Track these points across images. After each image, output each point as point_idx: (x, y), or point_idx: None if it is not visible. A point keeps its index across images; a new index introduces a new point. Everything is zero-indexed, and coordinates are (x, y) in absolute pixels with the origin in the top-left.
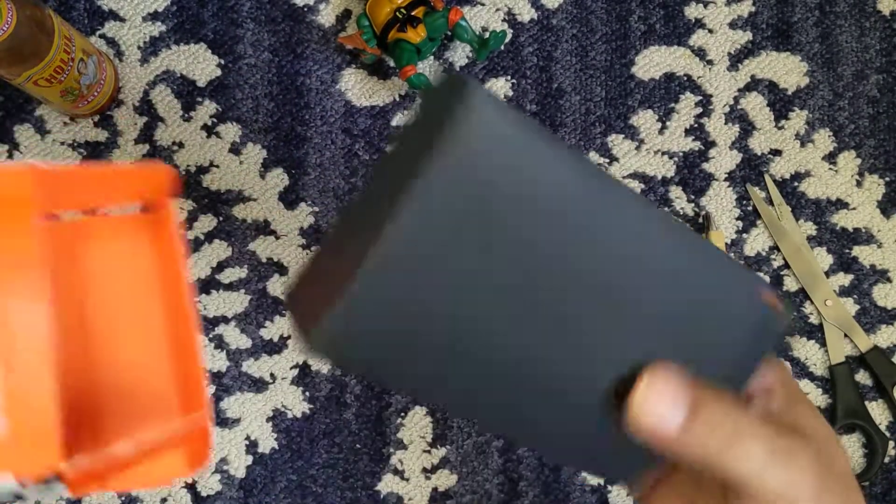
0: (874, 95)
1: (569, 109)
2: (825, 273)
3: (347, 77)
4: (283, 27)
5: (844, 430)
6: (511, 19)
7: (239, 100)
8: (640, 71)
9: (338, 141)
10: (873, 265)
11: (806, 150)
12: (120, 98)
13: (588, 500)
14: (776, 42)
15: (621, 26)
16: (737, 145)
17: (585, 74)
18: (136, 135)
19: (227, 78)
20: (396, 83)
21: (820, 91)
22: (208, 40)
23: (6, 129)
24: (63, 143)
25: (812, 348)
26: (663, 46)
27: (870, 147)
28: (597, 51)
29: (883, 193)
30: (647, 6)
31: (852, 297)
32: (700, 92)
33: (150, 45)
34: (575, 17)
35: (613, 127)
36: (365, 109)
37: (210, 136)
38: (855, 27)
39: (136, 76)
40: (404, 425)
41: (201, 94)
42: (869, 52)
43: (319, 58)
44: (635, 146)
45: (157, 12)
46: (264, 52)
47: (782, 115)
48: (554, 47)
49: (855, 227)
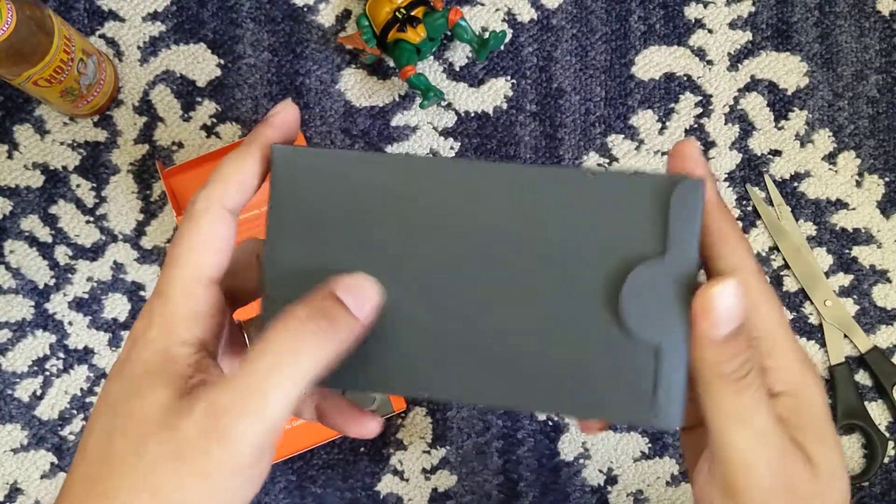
0: (874, 95)
1: (569, 109)
2: (825, 273)
3: (347, 77)
4: (283, 27)
5: (844, 431)
6: (511, 19)
7: (239, 100)
8: (640, 71)
9: (337, 141)
10: (873, 265)
11: (806, 150)
12: (120, 98)
13: (588, 500)
14: (776, 42)
15: (621, 26)
16: (736, 145)
17: (585, 74)
18: (135, 135)
19: (227, 78)
20: (396, 83)
21: (820, 91)
22: (208, 40)
23: (6, 129)
24: (63, 143)
25: (812, 349)
26: (663, 46)
27: (870, 147)
28: (597, 51)
29: (883, 194)
30: (647, 6)
31: (852, 298)
32: (700, 92)
33: (150, 45)
34: (575, 17)
35: (613, 127)
36: (364, 109)
37: (210, 136)
38: (855, 27)
39: (135, 76)
40: (404, 426)
41: (201, 94)
42: (869, 52)
43: (319, 58)
44: (635, 146)
45: (156, 12)
46: (264, 52)
47: (782, 115)
48: (554, 47)
49: (855, 228)
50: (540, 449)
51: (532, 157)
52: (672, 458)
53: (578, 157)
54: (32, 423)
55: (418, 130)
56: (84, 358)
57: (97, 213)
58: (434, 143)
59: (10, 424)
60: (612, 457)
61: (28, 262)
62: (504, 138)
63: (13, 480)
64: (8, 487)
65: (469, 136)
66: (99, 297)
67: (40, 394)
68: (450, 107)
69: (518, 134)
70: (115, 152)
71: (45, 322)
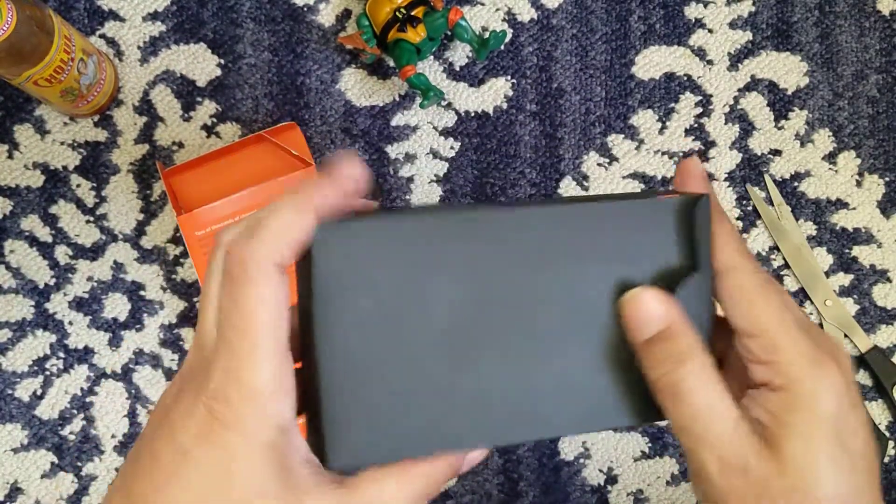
0: (874, 95)
1: (569, 109)
2: (825, 273)
3: (347, 77)
4: (283, 27)
5: None
6: (511, 19)
7: (239, 100)
8: (640, 71)
9: (337, 141)
10: (873, 265)
11: (806, 150)
12: (120, 98)
13: (588, 500)
14: (776, 42)
15: (621, 26)
16: (737, 145)
17: (585, 74)
18: (136, 135)
19: (227, 78)
20: (396, 83)
21: (820, 91)
22: (208, 40)
23: (6, 129)
24: (63, 143)
25: None
26: (663, 46)
27: (869, 147)
28: (597, 51)
29: (883, 193)
30: (647, 6)
31: (852, 297)
32: (700, 92)
33: (150, 44)
34: (575, 17)
35: (613, 127)
36: (364, 109)
37: (210, 136)
38: (855, 27)
39: (136, 76)
40: None
41: (201, 93)
42: (869, 52)
43: (319, 57)
44: (635, 146)
45: (157, 12)
46: (264, 51)
47: (782, 115)
48: (554, 47)
49: (855, 227)
50: (540, 448)
51: (532, 157)
52: (672, 458)
53: (578, 156)
54: (32, 422)
55: (418, 130)
56: (84, 358)
57: (97, 212)
58: (434, 143)
59: (10, 424)
60: (612, 456)
61: (28, 261)
62: (504, 138)
63: (13, 480)
64: (8, 487)
65: (469, 135)
66: (99, 297)
67: (40, 393)
68: (450, 107)
69: (518, 134)
70: (115, 152)
71: (45, 322)
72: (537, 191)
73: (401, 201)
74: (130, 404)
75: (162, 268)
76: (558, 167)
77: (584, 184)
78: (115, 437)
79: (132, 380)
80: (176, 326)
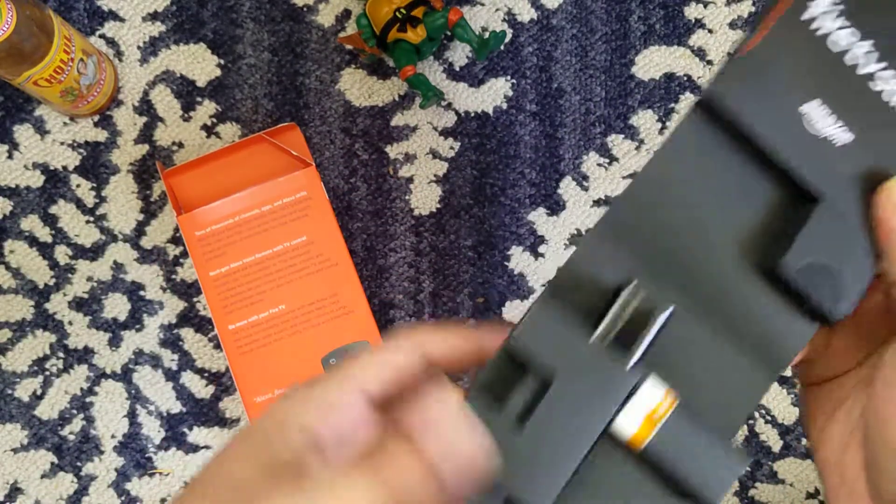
0: None
1: (569, 109)
2: None
3: (347, 77)
4: (283, 27)
5: None
6: (511, 19)
7: (239, 100)
8: (640, 71)
9: (337, 141)
10: None
11: None
12: (120, 98)
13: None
14: None
15: (621, 26)
16: None
17: (585, 74)
18: (135, 135)
19: (227, 78)
20: (396, 83)
21: None
22: (208, 40)
23: (6, 129)
24: (63, 143)
25: None
26: (663, 46)
27: None
28: (597, 51)
29: None
30: (647, 6)
31: None
32: (700, 92)
33: (150, 45)
34: (575, 17)
35: (613, 127)
36: (364, 109)
37: (210, 136)
38: None
39: (135, 76)
40: None
41: (201, 94)
42: None
43: (319, 58)
44: (635, 146)
45: (156, 12)
46: (264, 52)
47: None
48: (554, 47)
49: None
50: None
51: (532, 157)
52: None
53: (578, 156)
54: (32, 422)
55: (418, 130)
56: (84, 358)
57: (97, 213)
58: (434, 143)
59: (10, 424)
60: None
61: (28, 262)
62: (504, 138)
63: (13, 480)
64: (8, 487)
65: (469, 135)
66: (99, 297)
67: (40, 393)
68: (450, 107)
69: (518, 134)
70: (115, 152)
71: (45, 322)
72: (537, 191)
73: (401, 201)
74: (130, 404)
75: (162, 268)
76: (558, 167)
77: (584, 184)
78: (115, 438)
79: (132, 380)
80: (176, 326)
